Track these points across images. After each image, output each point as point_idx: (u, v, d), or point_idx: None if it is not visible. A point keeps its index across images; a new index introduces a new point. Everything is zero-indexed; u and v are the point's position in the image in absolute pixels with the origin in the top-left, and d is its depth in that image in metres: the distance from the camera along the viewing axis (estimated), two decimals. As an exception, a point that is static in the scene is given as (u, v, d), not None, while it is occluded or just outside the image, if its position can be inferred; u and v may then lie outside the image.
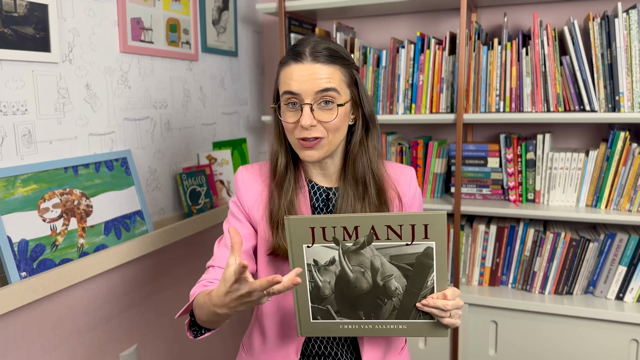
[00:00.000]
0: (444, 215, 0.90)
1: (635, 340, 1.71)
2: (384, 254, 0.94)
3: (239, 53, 2.22)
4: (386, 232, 0.92)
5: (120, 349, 1.58)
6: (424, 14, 2.13)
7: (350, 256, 0.94)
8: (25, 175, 1.28)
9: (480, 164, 1.91)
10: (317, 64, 1.01)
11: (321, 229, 0.92)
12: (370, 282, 0.96)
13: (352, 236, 0.93)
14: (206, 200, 1.90)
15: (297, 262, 0.95)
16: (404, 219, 0.91)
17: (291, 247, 0.94)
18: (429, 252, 0.93)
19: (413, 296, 0.96)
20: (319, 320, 1.00)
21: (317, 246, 0.94)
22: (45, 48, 1.32)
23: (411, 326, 1.00)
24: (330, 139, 1.03)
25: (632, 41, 1.61)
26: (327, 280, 0.96)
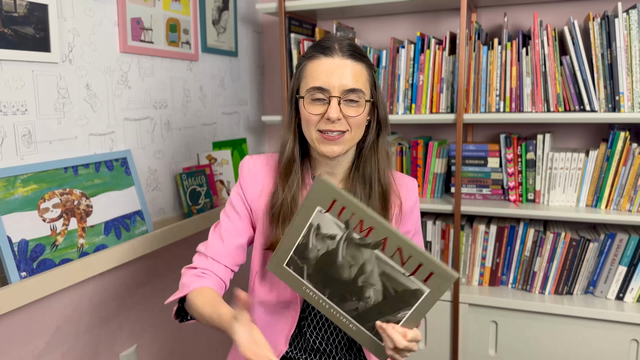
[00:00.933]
0: (456, 278, 0.90)
1: (635, 340, 1.71)
2: (379, 265, 0.93)
3: (239, 53, 2.22)
4: (394, 251, 0.91)
5: (120, 349, 1.58)
6: (424, 14, 2.13)
7: (349, 246, 0.94)
8: (25, 175, 1.28)
9: (480, 164, 1.91)
10: (346, 59, 1.03)
11: (341, 206, 0.92)
12: (350, 276, 0.96)
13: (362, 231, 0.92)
14: (206, 200, 1.90)
15: (302, 216, 0.95)
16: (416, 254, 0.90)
17: (306, 202, 0.94)
18: (418, 295, 0.93)
19: (378, 314, 0.96)
20: (290, 270, 1.00)
21: (328, 215, 0.93)
22: (45, 48, 1.32)
23: (360, 332, 1.00)
24: (352, 134, 1.05)
25: (632, 41, 1.61)
26: (318, 247, 0.96)
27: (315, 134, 1.04)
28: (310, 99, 1.03)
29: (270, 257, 1.04)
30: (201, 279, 1.06)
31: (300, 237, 0.96)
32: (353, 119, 1.03)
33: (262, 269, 1.14)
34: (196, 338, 1.93)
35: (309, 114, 1.03)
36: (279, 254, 1.00)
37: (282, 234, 1.07)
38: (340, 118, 1.01)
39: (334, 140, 1.03)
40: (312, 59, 1.05)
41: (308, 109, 1.04)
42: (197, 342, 1.93)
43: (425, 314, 0.95)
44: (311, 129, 1.04)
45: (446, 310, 1.89)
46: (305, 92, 1.04)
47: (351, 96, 1.02)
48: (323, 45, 1.05)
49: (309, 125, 1.05)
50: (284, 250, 0.99)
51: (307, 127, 1.06)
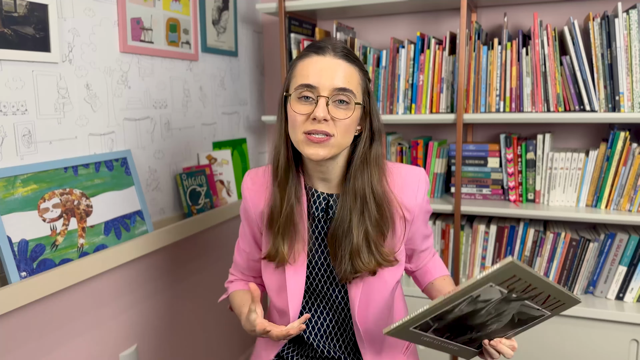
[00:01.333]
0: (579, 302, 0.91)
1: (635, 340, 1.71)
2: (518, 308, 0.90)
3: (239, 53, 2.22)
4: (543, 299, 0.89)
5: (120, 349, 1.58)
6: (424, 14, 2.13)
7: (501, 302, 0.87)
8: (25, 175, 1.28)
9: (480, 164, 1.91)
10: (338, 59, 0.99)
11: (517, 279, 0.83)
12: (483, 322, 0.92)
13: (525, 293, 0.86)
14: (206, 200, 1.90)
15: (470, 290, 0.84)
16: (559, 296, 0.89)
17: (484, 279, 0.82)
18: (538, 318, 0.94)
19: (489, 335, 0.96)
20: (415, 330, 0.92)
21: (496, 287, 0.84)
22: (45, 48, 1.32)
23: (458, 351, 1.01)
24: (339, 139, 0.98)
25: (632, 41, 1.61)
26: (463, 310, 0.88)
27: (300, 135, 0.98)
28: (297, 97, 0.98)
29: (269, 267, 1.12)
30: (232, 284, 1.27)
31: (450, 305, 0.86)
32: (341, 122, 0.97)
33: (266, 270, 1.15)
34: (196, 338, 1.93)
35: (294, 112, 0.98)
36: (409, 322, 0.89)
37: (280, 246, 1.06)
38: (327, 119, 0.96)
39: (319, 143, 0.97)
40: (303, 57, 1.01)
41: (294, 108, 0.98)
42: (197, 342, 1.93)
43: (532, 327, 0.96)
44: (297, 131, 0.98)
45: (446, 310, 1.89)
46: (293, 90, 0.99)
47: (340, 96, 0.97)
48: (316, 45, 1.02)
49: (294, 126, 0.99)
50: (419, 319, 0.89)
51: (292, 128, 1.00)
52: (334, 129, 0.97)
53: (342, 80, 0.97)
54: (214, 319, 2.02)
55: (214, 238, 2.00)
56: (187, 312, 1.86)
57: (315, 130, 0.96)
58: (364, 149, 1.04)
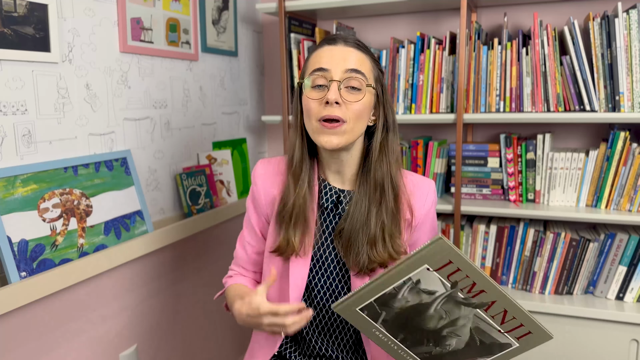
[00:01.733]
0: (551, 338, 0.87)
1: (635, 340, 1.71)
2: (475, 321, 0.88)
3: (239, 53, 2.22)
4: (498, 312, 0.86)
5: (120, 349, 1.58)
6: (424, 14, 2.13)
7: (448, 302, 0.87)
8: (25, 175, 1.28)
9: (480, 164, 1.91)
10: (350, 47, 1.04)
11: (455, 268, 0.84)
12: (436, 327, 0.90)
13: (470, 293, 0.86)
14: (206, 200, 1.90)
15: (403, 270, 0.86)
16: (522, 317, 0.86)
17: (413, 257, 0.84)
18: (504, 347, 0.90)
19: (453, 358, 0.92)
20: (362, 314, 0.93)
21: (435, 274, 0.85)
22: (45, 48, 1.32)
23: None
24: (351, 126, 1.01)
25: (632, 41, 1.61)
26: (408, 299, 0.89)
27: (315, 124, 1.01)
28: (311, 86, 1.02)
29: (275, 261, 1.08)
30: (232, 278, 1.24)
31: (390, 287, 0.88)
32: (352, 106, 1.00)
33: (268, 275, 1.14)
34: (196, 338, 1.93)
35: (308, 99, 1.02)
36: (353, 299, 0.90)
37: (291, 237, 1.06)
38: (339, 101, 0.99)
39: (332, 129, 0.99)
40: (316, 49, 1.07)
41: (308, 95, 1.02)
42: (197, 342, 1.93)
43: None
44: (311, 119, 1.02)
45: (446, 310, 1.89)
46: (308, 76, 1.03)
47: (352, 80, 1.00)
48: (328, 37, 1.07)
49: (309, 114, 1.02)
50: (362, 297, 0.90)
51: (308, 118, 1.03)
52: (347, 114, 1.00)
53: (353, 62, 1.02)
54: (214, 319, 2.02)
55: (214, 238, 2.00)
56: (187, 312, 1.86)
57: (328, 115, 0.99)
58: (381, 138, 1.08)
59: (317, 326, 1.14)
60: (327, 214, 1.11)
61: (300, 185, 1.07)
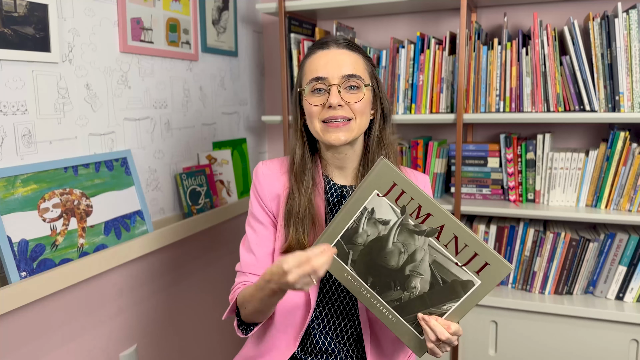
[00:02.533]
0: (510, 269, 0.88)
1: (635, 340, 1.71)
2: (431, 253, 0.92)
3: (239, 53, 2.22)
4: (450, 240, 0.90)
5: (120, 349, 1.58)
6: (424, 14, 2.13)
7: (403, 231, 0.93)
8: (25, 175, 1.28)
9: (480, 164, 1.91)
10: (342, 49, 1.07)
11: (400, 190, 0.91)
12: (398, 264, 0.94)
13: (418, 217, 0.91)
14: (206, 200, 1.90)
15: (357, 199, 0.94)
16: (473, 243, 0.89)
17: (364, 184, 0.93)
18: (468, 286, 0.91)
19: (422, 305, 0.95)
20: (335, 257, 0.98)
21: (385, 200, 0.92)
22: (45, 48, 1.32)
23: (399, 324, 0.98)
24: (358, 122, 1.06)
25: (632, 41, 1.61)
26: (368, 233, 0.95)
27: (319, 124, 1.06)
28: (310, 91, 1.06)
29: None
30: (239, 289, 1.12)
31: (351, 221, 0.95)
32: (355, 105, 1.05)
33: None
34: (196, 338, 1.93)
35: (310, 105, 1.06)
36: (324, 238, 0.98)
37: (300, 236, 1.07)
38: (341, 104, 1.03)
39: (339, 127, 1.04)
40: (309, 55, 1.10)
41: (309, 100, 1.06)
42: (196, 342, 1.94)
43: (472, 307, 0.93)
44: (314, 121, 1.06)
45: (446, 310, 1.89)
46: (306, 85, 1.07)
47: (350, 82, 1.05)
48: (319, 42, 1.11)
49: (312, 118, 1.06)
50: (331, 234, 0.97)
51: (310, 120, 1.07)
52: (351, 113, 1.05)
53: (348, 67, 1.05)
54: (214, 319, 2.02)
55: (214, 238, 2.00)
56: (187, 312, 1.87)
57: (332, 116, 1.04)
58: (379, 129, 1.12)
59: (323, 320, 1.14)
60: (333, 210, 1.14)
61: (305, 185, 1.10)
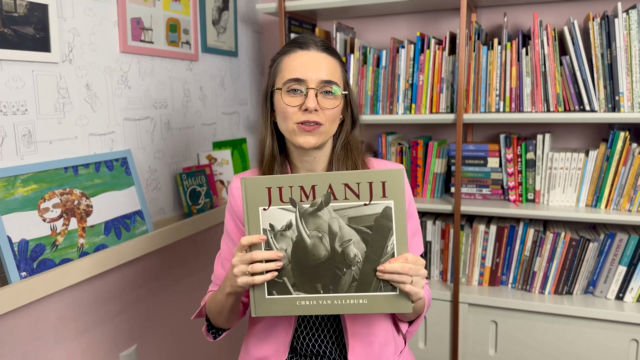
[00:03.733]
0: (402, 171, 0.89)
1: (635, 340, 1.71)
2: (342, 215, 0.91)
3: (239, 53, 2.22)
4: (344, 191, 0.90)
5: (120, 349, 1.58)
6: (424, 14, 2.13)
7: (308, 219, 0.92)
8: (25, 175, 1.28)
9: (480, 164, 1.91)
10: (321, 52, 1.07)
11: (278, 189, 0.91)
12: (328, 249, 0.92)
13: (309, 196, 0.91)
14: (206, 200, 1.90)
15: (252, 227, 0.93)
16: (361, 177, 0.90)
17: (247, 211, 0.92)
18: (388, 213, 0.90)
19: (373, 264, 0.92)
20: (275, 296, 0.95)
21: (273, 208, 0.92)
22: (45, 48, 1.32)
23: (372, 300, 0.94)
24: (327, 127, 1.06)
25: (632, 41, 1.61)
26: (284, 247, 0.93)
27: (292, 125, 1.05)
28: (286, 90, 1.05)
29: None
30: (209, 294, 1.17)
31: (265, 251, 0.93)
32: (329, 111, 1.05)
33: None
34: (196, 338, 1.93)
35: (286, 105, 1.05)
36: (255, 292, 0.95)
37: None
38: (317, 109, 1.03)
39: (311, 131, 1.04)
40: (287, 53, 1.08)
41: (285, 100, 1.05)
42: (196, 342, 1.94)
43: (405, 227, 0.91)
44: (288, 122, 1.05)
45: (446, 310, 1.90)
46: (282, 84, 1.06)
47: (327, 88, 1.05)
48: (298, 41, 1.10)
49: (285, 117, 1.06)
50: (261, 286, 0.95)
51: (283, 120, 1.07)
52: (323, 118, 1.05)
53: (326, 73, 1.06)
54: (214, 319, 2.02)
55: (214, 238, 2.00)
56: (187, 312, 1.86)
57: (307, 120, 1.03)
58: (347, 134, 1.13)
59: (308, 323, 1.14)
60: None
61: None
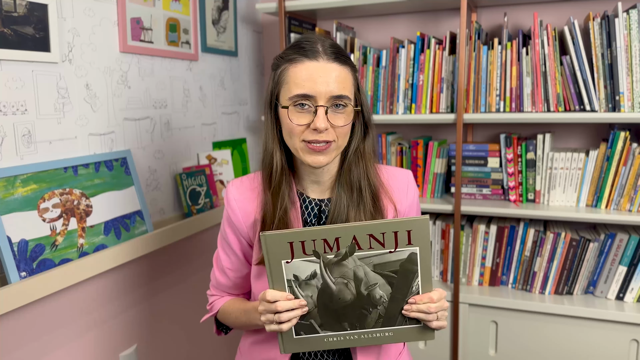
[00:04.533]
0: (427, 220, 0.89)
1: (635, 340, 1.71)
2: (367, 263, 0.92)
3: (239, 53, 2.22)
4: (368, 241, 0.90)
5: (120, 349, 1.58)
6: (424, 14, 2.13)
7: (332, 268, 0.92)
8: (25, 175, 1.28)
9: (480, 164, 1.91)
10: (332, 62, 0.97)
11: (300, 243, 0.90)
12: (354, 293, 0.93)
13: (333, 248, 0.90)
14: (206, 200, 1.90)
15: (276, 279, 0.92)
16: (386, 227, 0.89)
17: (269, 264, 0.91)
18: (413, 258, 0.92)
19: (398, 302, 0.95)
20: (303, 336, 0.97)
21: (296, 261, 0.91)
22: (45, 48, 1.32)
23: (397, 332, 0.98)
24: (339, 144, 0.99)
25: (632, 41, 1.61)
26: (309, 294, 0.94)
27: (300, 144, 0.98)
28: (294, 107, 0.97)
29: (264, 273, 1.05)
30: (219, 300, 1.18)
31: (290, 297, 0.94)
32: (340, 129, 0.98)
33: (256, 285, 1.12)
34: (196, 338, 1.93)
35: (292, 123, 0.97)
36: (284, 334, 0.97)
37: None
38: (327, 128, 0.96)
39: (321, 151, 0.97)
40: (294, 62, 0.98)
41: (293, 119, 0.97)
42: (196, 342, 1.93)
43: (431, 269, 0.94)
44: (295, 139, 0.98)
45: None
46: (288, 100, 0.97)
47: (338, 102, 0.97)
48: (305, 47, 0.98)
49: (292, 135, 0.98)
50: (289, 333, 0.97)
51: (290, 137, 0.99)
52: (334, 135, 0.98)
53: (337, 87, 0.96)
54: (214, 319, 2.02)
55: (214, 238, 2.00)
56: (187, 312, 1.86)
57: (316, 140, 0.96)
58: (358, 142, 1.05)
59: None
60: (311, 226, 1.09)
61: (281, 198, 1.04)
